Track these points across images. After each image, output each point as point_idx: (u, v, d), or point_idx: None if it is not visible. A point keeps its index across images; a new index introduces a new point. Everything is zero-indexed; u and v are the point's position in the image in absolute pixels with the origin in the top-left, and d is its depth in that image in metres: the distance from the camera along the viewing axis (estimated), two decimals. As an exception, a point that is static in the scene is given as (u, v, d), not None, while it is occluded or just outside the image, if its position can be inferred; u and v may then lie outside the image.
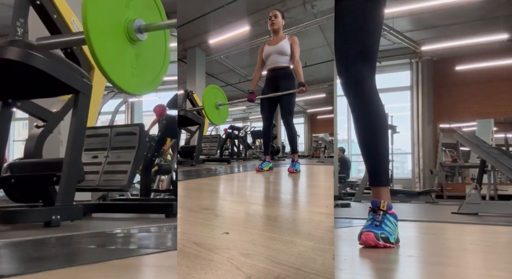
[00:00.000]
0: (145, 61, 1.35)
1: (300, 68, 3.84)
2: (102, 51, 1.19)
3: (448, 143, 11.06)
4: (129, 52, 1.29)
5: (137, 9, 1.31)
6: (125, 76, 1.28)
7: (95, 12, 1.18)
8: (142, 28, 1.29)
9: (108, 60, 1.21)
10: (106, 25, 1.22)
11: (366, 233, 1.43)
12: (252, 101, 4.34)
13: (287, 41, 3.90)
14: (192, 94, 6.76)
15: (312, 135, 12.22)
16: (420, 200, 6.79)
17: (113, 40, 1.24)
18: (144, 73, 1.35)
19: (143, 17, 1.31)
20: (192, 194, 2.11)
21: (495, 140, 10.34)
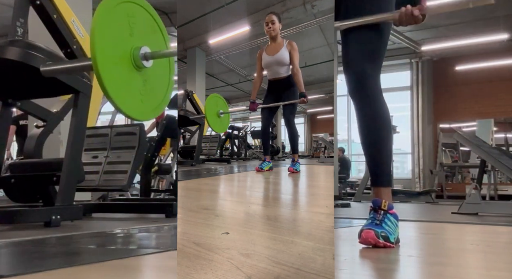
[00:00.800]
0: (152, 87, 1.38)
1: (300, 77, 3.84)
2: (110, 80, 1.21)
3: (448, 143, 11.06)
4: (136, 79, 1.31)
5: (141, 36, 1.33)
6: (134, 103, 1.30)
7: (102, 41, 1.21)
8: (148, 55, 1.32)
9: (116, 88, 1.23)
10: (113, 54, 1.25)
11: (366, 230, 1.43)
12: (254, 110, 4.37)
13: (286, 49, 3.89)
14: (192, 94, 6.76)
15: (312, 135, 12.22)
16: (420, 200, 6.79)
17: (120, 68, 1.27)
18: (151, 99, 1.37)
19: (148, 44, 1.34)
20: (192, 194, 2.11)
21: (495, 140, 10.34)
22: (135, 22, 1.32)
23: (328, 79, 8.18)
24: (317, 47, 8.57)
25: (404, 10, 1.38)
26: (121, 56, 1.28)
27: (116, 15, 1.27)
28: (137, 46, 1.30)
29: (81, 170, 2.47)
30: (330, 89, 7.39)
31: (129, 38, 1.30)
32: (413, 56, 11.09)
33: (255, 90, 4.29)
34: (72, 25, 2.71)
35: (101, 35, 1.21)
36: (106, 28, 1.23)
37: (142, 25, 1.35)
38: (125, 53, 1.28)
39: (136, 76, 1.31)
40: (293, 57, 3.87)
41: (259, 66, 4.03)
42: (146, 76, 1.34)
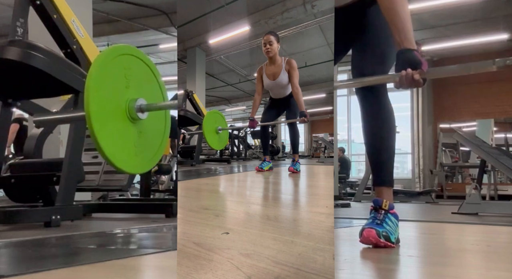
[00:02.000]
0: (147, 138, 1.36)
1: (301, 96, 3.88)
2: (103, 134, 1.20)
3: (448, 143, 11.06)
4: (131, 132, 1.30)
5: (138, 88, 1.33)
6: (128, 157, 1.29)
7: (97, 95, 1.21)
8: (143, 108, 1.31)
9: (110, 142, 1.22)
10: (108, 107, 1.24)
11: (368, 229, 1.43)
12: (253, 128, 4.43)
13: (285, 72, 3.92)
14: (192, 94, 6.76)
15: (312, 135, 12.22)
16: (420, 200, 6.78)
17: (115, 121, 1.25)
18: (145, 151, 1.36)
19: (144, 95, 1.33)
20: (192, 194, 2.11)
21: (495, 140, 10.33)
22: (131, 74, 1.31)
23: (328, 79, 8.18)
24: (317, 47, 8.56)
25: (404, 74, 1.36)
26: (116, 109, 1.26)
27: (113, 68, 1.26)
28: (133, 98, 1.29)
29: (81, 170, 2.47)
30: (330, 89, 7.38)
31: (125, 91, 1.29)
32: (413, 56, 11.08)
33: (255, 108, 4.34)
34: (72, 25, 2.71)
35: (96, 88, 1.20)
36: (102, 81, 1.21)
37: (138, 76, 1.34)
38: (120, 106, 1.27)
39: (131, 128, 1.29)
40: (292, 77, 3.91)
41: (260, 85, 4.08)
42: (141, 127, 1.33)
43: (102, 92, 1.22)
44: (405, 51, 1.40)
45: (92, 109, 1.17)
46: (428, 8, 8.05)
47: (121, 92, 1.28)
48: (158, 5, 8.37)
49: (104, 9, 8.19)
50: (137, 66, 1.34)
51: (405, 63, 1.38)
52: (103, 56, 1.24)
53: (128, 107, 1.28)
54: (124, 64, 1.29)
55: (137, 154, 1.31)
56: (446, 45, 9.87)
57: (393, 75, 1.43)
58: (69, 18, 2.66)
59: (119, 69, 1.28)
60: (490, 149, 4.60)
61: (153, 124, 1.38)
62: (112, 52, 1.27)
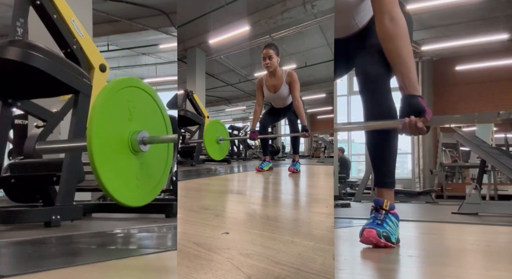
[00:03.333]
0: (148, 170, 1.36)
1: (302, 109, 3.90)
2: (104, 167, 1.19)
3: (448, 143, 11.05)
4: (133, 164, 1.30)
5: (141, 120, 1.32)
6: (130, 189, 1.28)
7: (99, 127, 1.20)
8: (146, 140, 1.30)
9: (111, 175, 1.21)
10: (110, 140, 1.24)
11: (368, 230, 1.43)
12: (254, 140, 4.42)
13: (285, 85, 3.92)
14: (192, 94, 6.76)
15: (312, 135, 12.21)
16: (420, 200, 6.78)
17: (116, 153, 1.25)
18: (147, 183, 1.35)
19: (147, 127, 1.32)
20: (192, 194, 2.11)
21: (495, 140, 10.33)
22: (135, 106, 1.31)
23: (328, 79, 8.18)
24: (317, 47, 8.56)
25: (408, 121, 1.37)
26: (118, 142, 1.25)
27: (116, 101, 1.25)
28: (136, 131, 1.29)
29: (81, 170, 2.47)
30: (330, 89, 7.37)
31: (127, 123, 1.28)
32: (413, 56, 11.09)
33: (256, 120, 4.34)
34: (72, 25, 2.71)
35: (99, 121, 1.20)
36: (105, 114, 1.21)
37: (142, 108, 1.34)
38: (122, 139, 1.26)
39: (133, 160, 1.29)
40: (293, 89, 3.89)
41: (260, 97, 4.08)
42: (143, 159, 1.32)
43: (105, 125, 1.21)
44: (410, 97, 1.41)
45: (95, 142, 1.17)
46: (428, 8, 8.04)
47: (124, 124, 1.27)
48: (158, 5, 8.36)
49: (104, 9, 8.19)
50: (141, 98, 1.34)
51: (409, 109, 1.39)
52: (107, 90, 1.24)
53: (130, 139, 1.27)
54: (127, 97, 1.29)
55: (139, 186, 1.31)
56: (446, 45, 9.87)
57: (396, 121, 1.43)
58: (69, 18, 2.66)
59: (122, 101, 1.27)
60: (490, 149, 4.60)
61: (155, 155, 1.38)
62: (116, 85, 1.26)
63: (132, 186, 1.29)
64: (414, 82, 1.44)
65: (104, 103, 1.22)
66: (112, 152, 1.23)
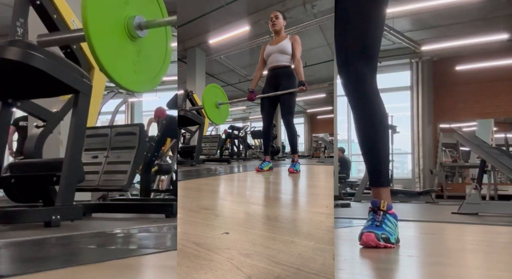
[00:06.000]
0: (147, 58, 1.34)
1: (301, 66, 3.84)
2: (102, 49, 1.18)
3: (448, 143, 11.06)
4: (130, 49, 1.28)
5: (137, 5, 1.30)
6: (127, 74, 1.27)
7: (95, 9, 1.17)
8: (142, 25, 1.28)
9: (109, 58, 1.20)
10: (106, 22, 1.21)
11: (366, 233, 1.43)
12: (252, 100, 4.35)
13: (288, 41, 3.90)
14: (192, 94, 6.76)
15: (312, 135, 12.22)
16: (420, 200, 6.79)
17: (113, 38, 1.23)
18: (145, 70, 1.33)
19: (144, 13, 1.30)
20: (192, 194, 2.11)
21: (495, 140, 10.33)
22: None
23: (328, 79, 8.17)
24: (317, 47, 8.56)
25: None
26: (115, 25, 1.23)
27: None
28: (132, 15, 1.26)
29: (81, 170, 2.47)
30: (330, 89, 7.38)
31: (123, 7, 1.26)
32: (413, 56, 11.08)
33: (255, 81, 4.28)
34: (72, 25, 2.71)
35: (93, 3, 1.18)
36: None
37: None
38: (118, 22, 1.24)
39: (130, 46, 1.27)
40: (295, 49, 3.88)
41: (262, 58, 4.04)
42: (141, 46, 1.31)
43: (100, 7, 1.19)
44: None
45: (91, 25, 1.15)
46: (428, 8, 8.05)
47: (119, 8, 1.25)
48: (158, 5, 8.36)
49: (104, 9, 8.19)
50: None
51: None
52: None
53: (127, 24, 1.25)
54: None
55: (137, 72, 1.30)
56: (446, 45, 9.87)
57: None
58: (69, 18, 2.66)
59: None
60: (490, 149, 4.60)
61: (153, 43, 1.36)
62: None
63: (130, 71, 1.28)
64: None
65: None
66: (109, 36, 1.21)
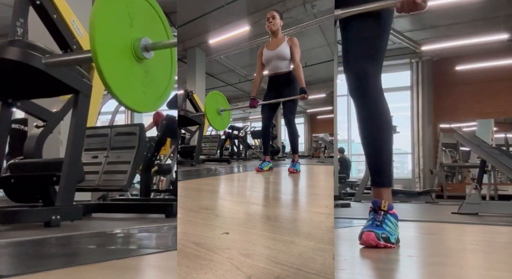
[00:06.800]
0: (154, 77, 1.36)
1: (301, 71, 3.81)
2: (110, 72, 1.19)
3: (448, 143, 11.06)
4: (137, 71, 1.30)
5: (142, 27, 1.32)
6: (136, 95, 1.28)
7: (102, 33, 1.19)
8: (148, 46, 1.30)
9: (117, 80, 1.21)
10: (113, 46, 1.23)
11: (367, 233, 1.43)
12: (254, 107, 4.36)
13: (286, 44, 3.86)
14: (192, 94, 6.77)
15: (312, 135, 12.21)
16: (420, 200, 6.79)
17: (121, 60, 1.25)
18: (153, 90, 1.35)
19: (149, 35, 1.32)
20: (192, 194, 2.11)
21: (495, 140, 10.33)
22: (135, 13, 1.30)
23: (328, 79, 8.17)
24: (317, 47, 8.56)
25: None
26: (122, 48, 1.25)
27: (116, 6, 1.25)
28: (138, 37, 1.28)
29: (81, 170, 2.47)
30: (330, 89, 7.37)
31: (129, 29, 1.28)
32: (413, 56, 11.08)
33: (256, 87, 4.26)
34: (72, 25, 2.71)
35: (101, 26, 1.19)
36: (106, 19, 1.21)
37: (142, 15, 1.33)
38: (125, 45, 1.26)
39: (137, 67, 1.29)
40: (293, 52, 3.84)
41: (260, 62, 4.01)
42: (148, 67, 1.33)
43: (107, 30, 1.21)
44: None
45: (98, 47, 1.17)
46: (428, 8, 8.04)
47: (126, 30, 1.27)
48: (158, 5, 8.36)
49: (104, 9, 8.19)
50: (140, 4, 1.33)
51: None
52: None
53: (133, 46, 1.27)
54: (127, 2, 1.28)
55: (146, 92, 1.31)
56: (446, 45, 9.87)
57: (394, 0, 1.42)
58: (69, 18, 2.66)
59: (122, 6, 1.26)
60: (490, 149, 4.60)
61: (159, 63, 1.38)
62: None
63: (139, 93, 1.29)
64: None
65: (104, 7, 1.22)
66: (116, 58, 1.23)
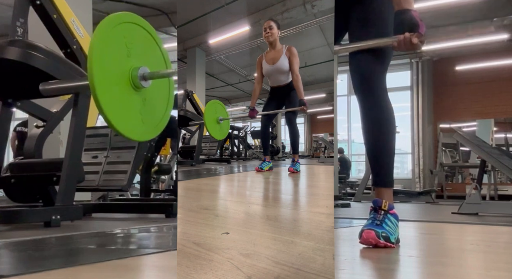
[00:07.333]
0: (152, 106, 1.36)
1: (300, 83, 3.83)
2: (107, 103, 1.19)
3: (448, 143, 11.06)
4: (135, 100, 1.30)
5: (139, 56, 1.32)
6: (134, 124, 1.29)
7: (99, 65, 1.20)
8: (146, 76, 1.30)
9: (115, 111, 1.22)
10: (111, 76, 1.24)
11: (367, 231, 1.43)
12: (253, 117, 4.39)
13: (285, 57, 3.88)
14: (192, 94, 6.77)
15: (312, 135, 12.22)
16: (420, 200, 6.79)
17: (118, 90, 1.25)
18: (151, 117, 1.36)
19: (147, 63, 1.32)
20: (192, 194, 2.11)
21: (495, 140, 10.34)
22: (132, 43, 1.30)
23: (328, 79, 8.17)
24: (317, 47, 8.56)
25: (402, 38, 1.37)
26: (119, 78, 1.25)
27: (113, 37, 1.25)
28: (136, 67, 1.29)
29: (81, 170, 2.47)
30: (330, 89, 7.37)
31: (126, 59, 1.28)
32: (413, 56, 11.07)
33: (255, 97, 4.30)
34: (72, 25, 2.71)
35: (98, 58, 1.20)
36: (103, 51, 1.21)
37: (140, 44, 1.33)
38: (123, 75, 1.26)
39: (135, 96, 1.29)
40: (292, 63, 3.86)
41: (259, 73, 4.03)
42: (146, 95, 1.33)
43: (104, 61, 1.21)
44: (403, 12, 1.40)
45: (96, 78, 1.17)
46: (428, 8, 8.05)
47: (123, 61, 1.27)
48: (158, 5, 8.36)
49: (104, 9, 8.19)
50: (138, 34, 1.33)
51: (403, 25, 1.38)
52: (103, 26, 1.23)
53: (131, 75, 1.27)
54: (124, 33, 1.28)
55: (144, 121, 1.31)
56: (446, 45, 9.87)
57: (391, 39, 1.43)
58: (69, 18, 2.66)
59: (119, 37, 1.27)
60: (490, 149, 4.60)
61: (157, 91, 1.38)
62: (111, 21, 1.26)
63: (137, 121, 1.30)
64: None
65: (102, 39, 1.22)
66: (114, 88, 1.23)
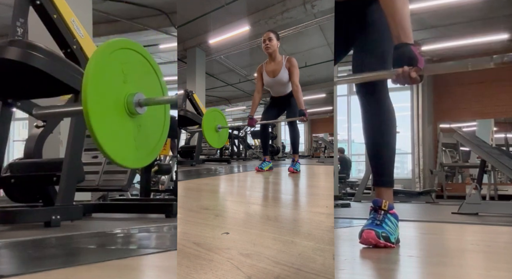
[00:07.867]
0: (146, 132, 1.36)
1: (300, 94, 3.85)
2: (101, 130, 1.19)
3: (448, 143, 11.06)
4: (130, 126, 1.29)
5: (135, 83, 1.32)
6: (128, 151, 1.28)
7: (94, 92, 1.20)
8: (142, 102, 1.30)
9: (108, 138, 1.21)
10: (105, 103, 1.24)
11: (367, 231, 1.43)
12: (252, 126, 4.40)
13: (285, 69, 3.91)
14: (192, 94, 6.76)
15: (312, 135, 12.22)
16: (420, 200, 6.79)
17: (113, 116, 1.25)
18: (146, 144, 1.35)
19: (142, 89, 1.32)
20: (192, 194, 2.11)
21: (495, 140, 10.33)
22: (129, 69, 1.30)
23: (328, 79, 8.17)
24: (317, 47, 8.55)
25: (401, 72, 1.37)
26: (114, 104, 1.25)
27: (110, 64, 1.25)
28: (131, 93, 1.29)
29: (81, 170, 2.47)
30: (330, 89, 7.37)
31: (122, 86, 1.28)
32: (413, 56, 11.08)
33: (254, 107, 4.32)
34: (72, 25, 2.71)
35: (94, 84, 1.20)
36: (99, 77, 1.21)
37: (136, 71, 1.33)
38: (118, 101, 1.26)
39: (130, 123, 1.29)
40: (292, 74, 3.89)
41: (259, 83, 4.06)
42: (141, 121, 1.33)
43: (100, 88, 1.21)
44: (402, 46, 1.39)
45: (90, 106, 1.17)
46: (428, 8, 8.05)
47: (119, 87, 1.27)
48: (158, 5, 8.36)
49: (104, 9, 8.19)
50: (135, 60, 1.33)
51: (402, 59, 1.37)
52: (99, 52, 1.23)
53: (126, 102, 1.27)
54: (120, 59, 1.28)
55: (138, 148, 1.31)
56: (446, 45, 9.87)
57: (390, 72, 1.43)
58: (69, 18, 2.66)
59: (116, 64, 1.27)
60: (490, 149, 4.60)
61: (153, 118, 1.38)
62: (108, 48, 1.26)
63: (131, 148, 1.29)
64: (407, 29, 1.41)
65: (98, 66, 1.22)
66: (108, 115, 1.23)
